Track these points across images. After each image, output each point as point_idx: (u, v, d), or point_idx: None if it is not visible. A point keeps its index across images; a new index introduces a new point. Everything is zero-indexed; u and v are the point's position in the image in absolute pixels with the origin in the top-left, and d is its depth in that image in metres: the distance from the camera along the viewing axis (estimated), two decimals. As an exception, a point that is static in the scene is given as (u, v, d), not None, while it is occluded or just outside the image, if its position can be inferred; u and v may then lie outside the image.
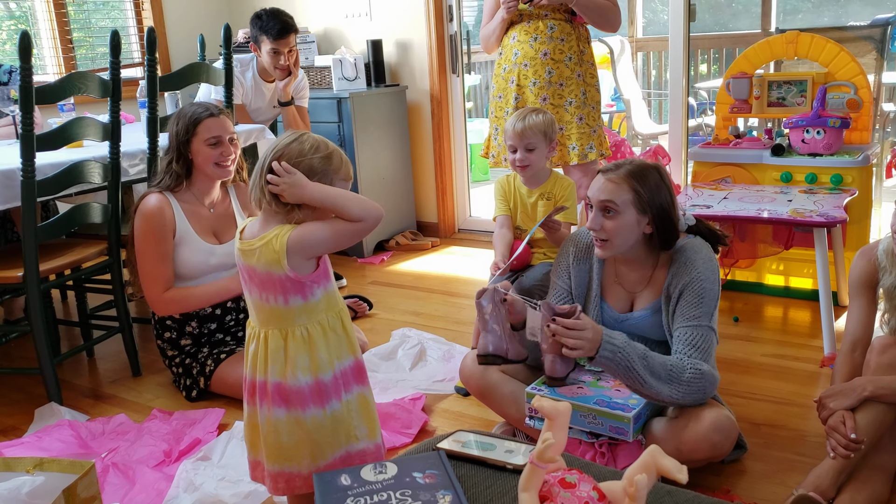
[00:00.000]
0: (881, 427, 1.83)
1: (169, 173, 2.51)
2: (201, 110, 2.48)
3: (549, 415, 0.97)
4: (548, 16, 2.93)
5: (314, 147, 1.60)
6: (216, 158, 2.48)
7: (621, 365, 1.76)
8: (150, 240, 2.47)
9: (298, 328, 1.62)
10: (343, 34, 4.53)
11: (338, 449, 1.65)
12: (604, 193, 1.87)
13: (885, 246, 1.99)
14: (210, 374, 2.50)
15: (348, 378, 1.67)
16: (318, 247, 1.59)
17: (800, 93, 3.22)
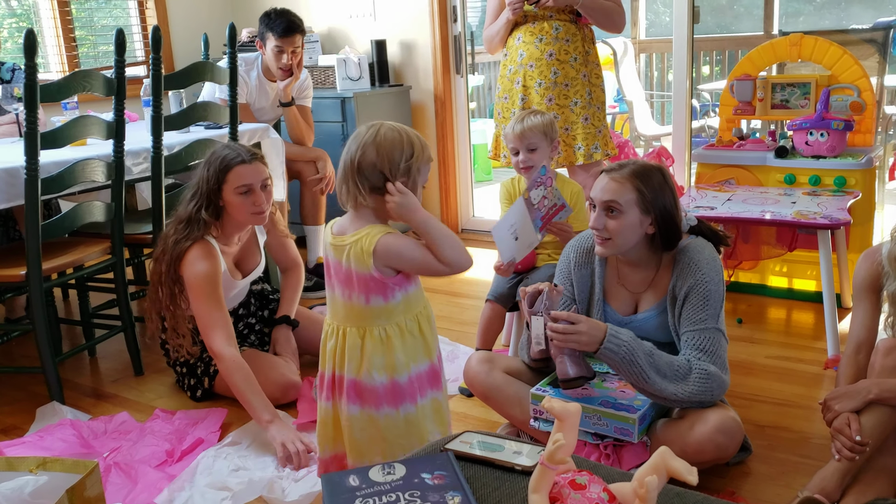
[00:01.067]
0: (886, 430, 1.83)
1: (198, 222, 2.35)
2: (233, 155, 2.36)
3: (560, 416, 0.96)
4: (553, 17, 2.93)
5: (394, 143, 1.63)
6: (250, 208, 2.37)
7: (625, 360, 1.78)
8: (210, 291, 2.32)
9: (377, 328, 1.67)
10: (347, 34, 4.52)
11: (409, 450, 1.67)
12: (607, 193, 1.87)
13: (887, 250, 1.98)
14: (215, 374, 2.49)
15: (423, 382, 1.72)
16: (402, 264, 1.65)
17: (803, 95, 3.22)
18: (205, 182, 2.36)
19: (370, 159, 1.62)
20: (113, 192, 2.65)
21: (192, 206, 2.37)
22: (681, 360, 1.84)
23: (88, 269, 2.74)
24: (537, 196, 2.23)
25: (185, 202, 2.41)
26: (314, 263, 3.71)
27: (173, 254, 2.35)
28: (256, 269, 2.64)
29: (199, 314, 2.33)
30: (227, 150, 2.40)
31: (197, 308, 2.33)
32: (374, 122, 1.68)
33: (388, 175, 1.62)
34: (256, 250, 2.63)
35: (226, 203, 2.37)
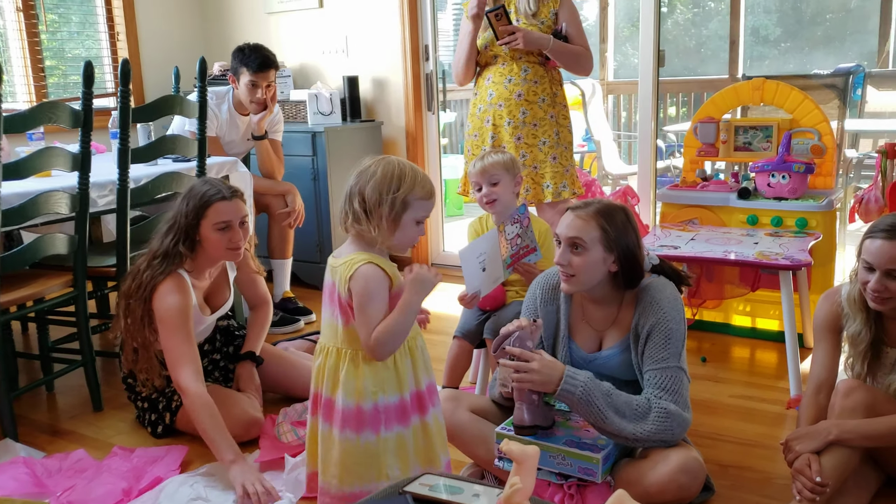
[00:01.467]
0: (846, 470, 1.85)
1: (175, 256, 2.34)
2: (213, 191, 2.35)
3: (518, 458, 0.96)
4: (522, 58, 2.98)
5: (384, 176, 1.70)
6: (226, 244, 2.36)
7: (582, 400, 1.80)
8: (180, 327, 2.29)
9: (351, 350, 1.74)
10: (319, 69, 4.55)
11: (366, 482, 1.73)
12: (572, 230, 1.90)
13: (847, 292, 2.02)
14: (177, 409, 2.45)
15: (390, 415, 1.74)
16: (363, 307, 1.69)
17: (765, 138, 3.29)
18: (183, 216, 2.34)
19: (360, 188, 1.70)
20: (77, 224, 2.62)
21: (168, 240, 2.35)
22: (640, 399, 1.85)
23: (49, 301, 2.70)
24: (511, 232, 2.25)
25: (161, 236, 2.38)
26: (280, 298, 3.68)
27: (147, 287, 2.32)
28: (225, 305, 2.62)
29: (169, 348, 2.30)
30: (207, 185, 2.38)
31: (166, 342, 2.30)
32: (382, 157, 1.76)
33: (368, 204, 1.69)
34: (226, 286, 2.61)
35: (202, 238, 2.36)
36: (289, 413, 2.55)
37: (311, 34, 4.54)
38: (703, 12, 9.30)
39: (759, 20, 8.61)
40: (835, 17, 8.38)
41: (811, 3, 8.53)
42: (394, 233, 1.73)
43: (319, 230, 4.08)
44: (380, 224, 1.70)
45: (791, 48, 8.50)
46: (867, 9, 7.42)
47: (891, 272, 1.86)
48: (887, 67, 6.21)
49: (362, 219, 1.70)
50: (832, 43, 8.16)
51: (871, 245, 1.89)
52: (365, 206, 1.69)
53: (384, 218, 1.70)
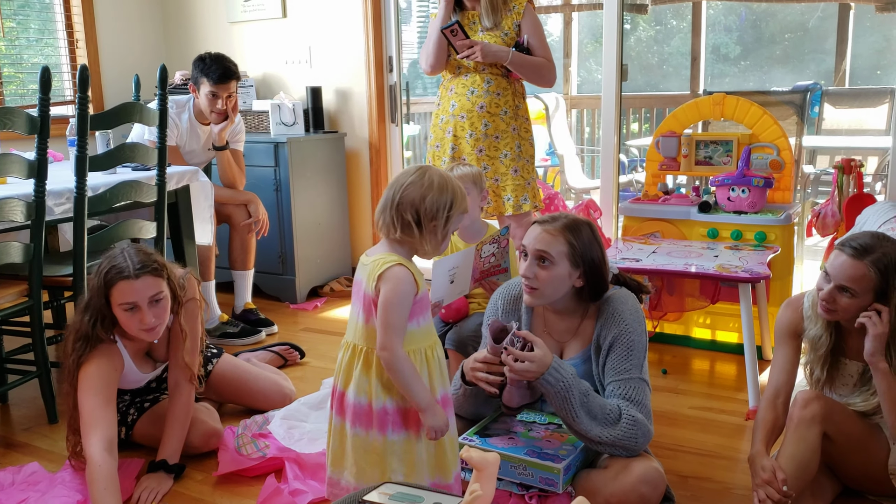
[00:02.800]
0: (806, 476, 1.87)
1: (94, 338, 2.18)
2: (115, 270, 2.13)
3: (478, 466, 0.95)
4: (485, 70, 3.00)
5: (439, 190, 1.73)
6: (137, 325, 2.16)
7: (559, 395, 1.82)
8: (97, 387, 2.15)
9: (366, 348, 1.75)
10: (282, 80, 4.53)
11: (372, 480, 1.71)
12: (540, 244, 1.91)
13: (812, 297, 2.06)
14: (132, 424, 2.40)
15: (396, 419, 1.74)
16: (387, 308, 1.69)
17: (726, 152, 3.35)
18: (95, 293, 2.18)
19: (410, 198, 1.71)
20: (32, 232, 2.56)
21: (86, 319, 2.19)
22: (613, 405, 1.87)
23: (3, 311, 2.63)
24: (487, 251, 2.27)
25: (80, 313, 2.22)
26: (241, 309, 3.64)
27: (74, 373, 2.18)
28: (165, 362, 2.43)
29: (82, 409, 2.12)
30: (118, 259, 2.16)
31: (82, 402, 2.13)
32: (421, 165, 1.79)
33: (422, 217, 1.71)
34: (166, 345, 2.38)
35: (116, 317, 2.18)
36: (249, 425, 2.52)
37: (275, 44, 4.52)
38: (665, 30, 9.46)
39: (720, 38, 8.79)
40: (793, 36, 8.59)
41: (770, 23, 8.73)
42: (440, 244, 1.79)
43: (282, 241, 4.05)
44: (432, 236, 1.75)
45: (751, 66, 8.69)
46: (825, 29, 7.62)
47: (843, 287, 1.89)
48: (844, 85, 6.37)
49: (414, 230, 1.73)
50: (790, 61, 8.36)
51: (836, 257, 1.92)
52: (419, 219, 1.72)
53: (438, 230, 1.75)
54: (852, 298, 1.89)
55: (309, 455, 2.29)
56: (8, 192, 2.50)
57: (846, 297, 1.89)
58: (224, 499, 2.15)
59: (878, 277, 1.86)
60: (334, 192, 4.29)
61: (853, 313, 1.91)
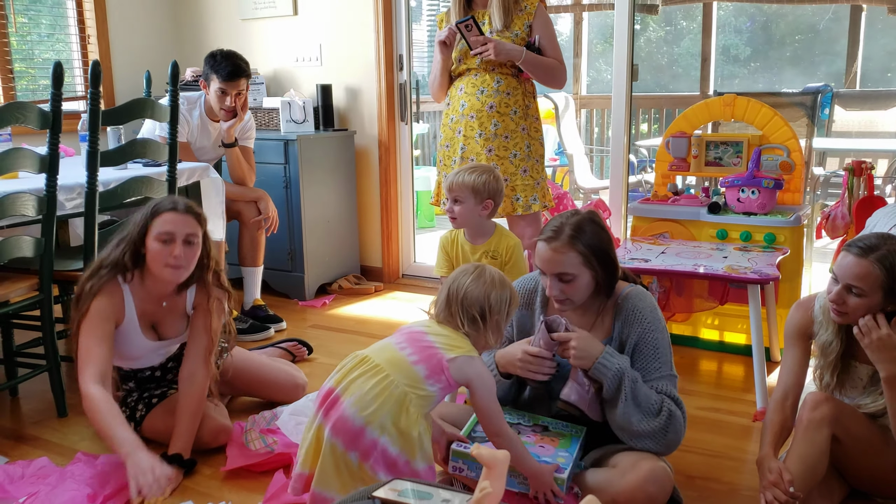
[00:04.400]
0: (814, 479, 1.87)
1: (118, 266, 2.27)
2: (166, 203, 2.28)
3: (488, 463, 0.96)
4: (495, 70, 3.00)
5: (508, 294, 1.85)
6: (164, 258, 2.23)
7: (616, 377, 1.85)
8: (93, 319, 2.22)
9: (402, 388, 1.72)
10: (293, 77, 4.54)
11: (332, 490, 1.70)
12: (557, 266, 1.90)
13: (822, 301, 2.05)
14: (141, 419, 2.41)
15: (381, 461, 1.70)
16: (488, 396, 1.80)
17: (736, 153, 3.34)
18: (135, 226, 2.28)
19: (475, 295, 1.81)
20: (43, 227, 2.58)
21: (118, 250, 2.29)
22: (656, 397, 1.89)
23: (14, 305, 2.64)
24: None
25: (112, 247, 2.31)
26: (251, 305, 3.65)
27: (87, 298, 2.25)
28: (173, 339, 2.44)
29: (80, 345, 2.22)
30: (166, 199, 2.33)
31: (81, 338, 2.22)
32: (477, 265, 1.88)
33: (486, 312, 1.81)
34: (181, 322, 2.43)
35: (146, 251, 2.26)
36: (257, 420, 2.53)
37: (286, 42, 4.53)
38: (675, 31, 9.44)
39: (730, 40, 8.77)
40: (804, 38, 8.56)
41: (780, 25, 8.70)
42: (500, 338, 1.88)
43: (291, 238, 4.06)
44: (495, 331, 1.84)
45: (761, 67, 8.66)
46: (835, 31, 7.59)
47: (850, 287, 1.89)
48: (854, 88, 6.35)
49: (479, 325, 1.81)
50: (801, 63, 8.33)
51: (842, 258, 1.92)
52: (484, 315, 1.80)
53: (501, 325, 1.85)
54: (861, 298, 1.88)
55: (317, 451, 2.30)
56: (20, 187, 2.51)
57: (855, 297, 1.89)
58: (232, 494, 2.16)
59: (885, 274, 1.86)
60: (343, 190, 4.30)
61: (862, 313, 1.90)
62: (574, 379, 1.91)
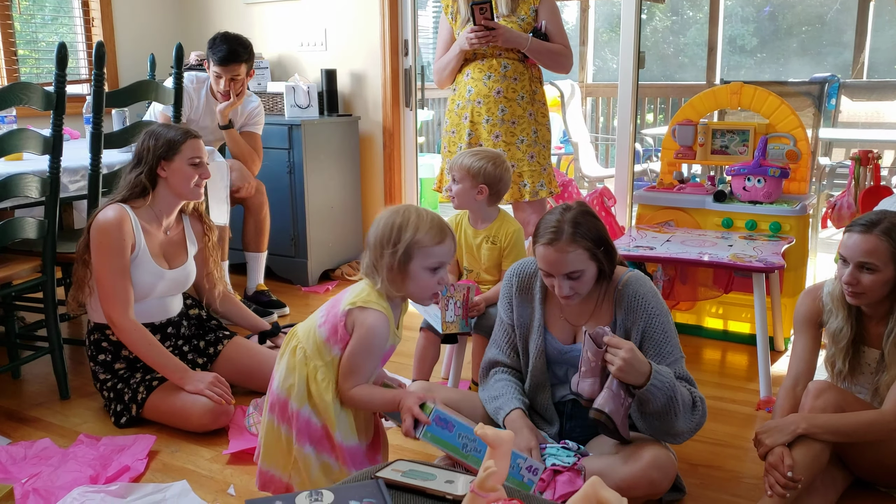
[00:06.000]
0: (816, 467, 1.87)
1: (136, 185, 2.46)
2: (184, 130, 2.50)
3: (493, 443, 0.95)
4: (501, 55, 2.98)
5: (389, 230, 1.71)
6: (195, 180, 2.49)
7: (666, 394, 1.79)
8: (111, 253, 2.38)
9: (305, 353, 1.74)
10: (298, 62, 4.52)
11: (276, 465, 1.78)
12: (565, 266, 1.86)
13: (829, 289, 2.05)
14: (142, 402, 2.42)
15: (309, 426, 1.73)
16: (356, 355, 1.71)
17: (742, 142, 3.32)
18: (149, 151, 2.45)
19: (369, 241, 1.73)
20: (47, 208, 2.57)
21: (132, 174, 2.47)
22: (687, 391, 1.87)
23: (16, 286, 2.64)
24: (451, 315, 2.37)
25: (125, 174, 2.51)
26: (253, 291, 3.64)
27: (92, 217, 2.44)
28: (183, 267, 2.60)
29: (100, 278, 2.39)
30: (171, 127, 2.51)
31: (99, 273, 2.39)
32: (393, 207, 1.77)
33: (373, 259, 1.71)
34: (183, 250, 2.62)
35: (170, 172, 2.46)
36: (259, 404, 2.51)
37: (290, 26, 4.51)
38: (682, 20, 9.40)
39: (737, 29, 8.72)
40: (811, 28, 8.51)
41: (787, 15, 8.65)
42: (405, 284, 1.72)
43: (294, 224, 4.05)
44: (388, 276, 1.70)
45: (767, 58, 8.62)
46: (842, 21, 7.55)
47: (863, 265, 1.89)
48: (861, 78, 6.31)
49: (371, 272, 1.73)
50: (807, 53, 8.29)
51: (847, 238, 1.93)
52: (372, 260, 1.72)
53: (390, 270, 1.69)
54: (874, 273, 1.89)
55: (319, 435, 2.30)
56: (24, 168, 2.51)
57: (868, 273, 1.90)
58: (234, 477, 2.16)
59: (892, 245, 1.88)
60: (347, 176, 4.28)
61: (879, 291, 1.91)
62: (610, 388, 1.80)
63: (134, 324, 2.40)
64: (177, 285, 2.59)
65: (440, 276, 1.72)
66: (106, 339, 2.48)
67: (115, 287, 2.38)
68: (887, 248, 1.88)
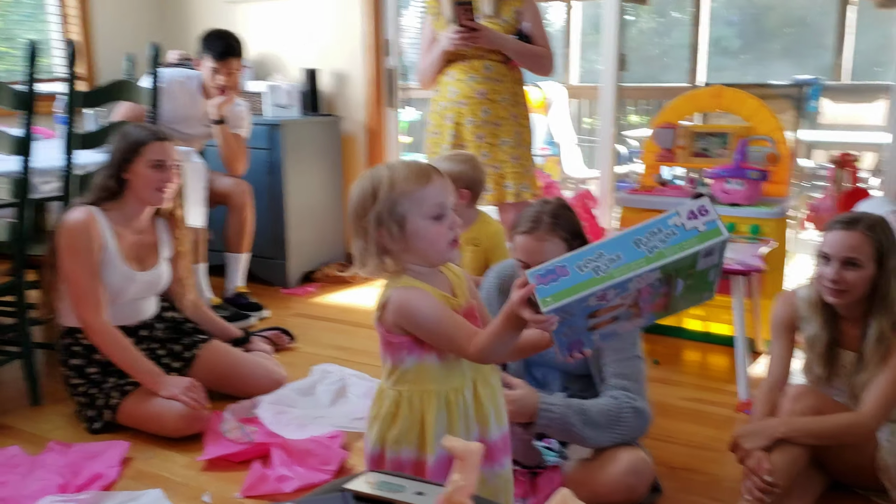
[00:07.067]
0: (794, 471, 1.86)
1: (104, 187, 2.42)
2: (150, 132, 2.45)
3: (460, 455, 0.93)
4: (484, 56, 2.96)
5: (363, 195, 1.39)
6: (157, 183, 2.43)
7: (561, 428, 1.82)
8: (79, 254, 2.35)
9: None
10: (279, 61, 4.48)
11: None
12: (542, 256, 1.81)
13: (804, 294, 2.05)
14: (116, 407, 2.38)
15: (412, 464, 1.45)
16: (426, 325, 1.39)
17: (722, 144, 3.32)
18: (117, 152, 2.41)
19: (351, 224, 1.42)
20: (17, 210, 2.52)
21: (101, 176, 2.44)
22: (609, 403, 1.87)
23: (-14, 289, 2.59)
24: None
25: (97, 175, 2.48)
26: (232, 293, 3.60)
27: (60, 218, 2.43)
28: (154, 269, 2.56)
29: (70, 280, 2.36)
30: (141, 128, 2.48)
31: (70, 274, 2.36)
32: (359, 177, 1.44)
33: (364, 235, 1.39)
34: (154, 253, 2.58)
35: (133, 175, 2.41)
36: (236, 409, 2.49)
37: (272, 25, 4.47)
38: (667, 21, 9.41)
39: (721, 31, 8.74)
40: (793, 31, 8.55)
41: (771, 17, 8.69)
42: (414, 249, 1.38)
43: (275, 225, 4.01)
44: (390, 249, 1.38)
45: (750, 59, 8.65)
46: (824, 24, 7.57)
47: (847, 260, 1.90)
48: (842, 81, 6.34)
49: (367, 257, 1.39)
50: (790, 56, 8.32)
51: (828, 236, 1.93)
52: (361, 242, 1.39)
53: (389, 240, 1.37)
54: (858, 270, 1.90)
55: (296, 441, 2.27)
56: (-6, 169, 2.46)
57: (852, 270, 1.90)
58: (209, 484, 2.13)
59: (874, 241, 1.89)
60: (329, 177, 4.25)
61: (861, 288, 1.91)
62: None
63: (106, 325, 2.37)
64: (149, 288, 2.55)
65: (449, 220, 1.39)
66: (78, 344, 2.44)
67: (86, 288, 2.35)
68: (870, 244, 1.89)
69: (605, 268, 1.18)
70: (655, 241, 1.18)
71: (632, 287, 1.19)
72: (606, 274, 1.17)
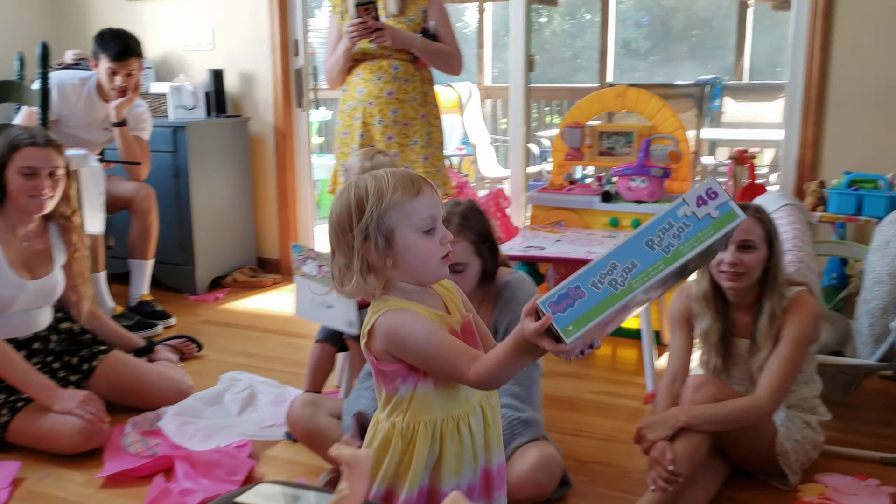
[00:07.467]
0: (697, 458, 1.91)
1: None
2: (25, 136, 2.34)
3: (349, 463, 0.91)
4: (392, 56, 2.94)
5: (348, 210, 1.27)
6: (29, 190, 2.32)
7: None
8: None
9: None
10: (183, 62, 4.36)
11: None
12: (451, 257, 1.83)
13: (695, 291, 2.11)
14: (6, 425, 2.26)
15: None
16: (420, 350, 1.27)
17: (627, 143, 3.40)
18: None
19: (330, 242, 1.31)
20: None
21: None
22: None
23: None
24: (313, 268, 2.23)
25: None
26: (137, 301, 3.48)
27: None
28: (47, 277, 2.45)
29: None
30: (22, 130, 2.39)
31: None
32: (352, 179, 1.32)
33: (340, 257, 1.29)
34: (48, 260, 2.47)
35: (7, 182, 2.32)
36: (139, 422, 2.40)
37: (175, 25, 4.34)
38: (580, 24, 9.60)
39: (630, 33, 8.96)
40: (700, 32, 8.85)
41: (678, 20, 8.96)
42: (403, 265, 1.27)
43: (181, 230, 3.89)
44: (377, 266, 1.27)
45: (659, 61, 8.90)
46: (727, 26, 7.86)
47: (744, 244, 1.98)
48: (743, 80, 6.59)
49: (349, 276, 1.27)
50: (696, 56, 8.61)
51: None
52: (343, 259, 1.28)
53: (376, 256, 1.26)
54: (753, 251, 1.99)
55: (202, 452, 2.21)
56: None
57: (748, 252, 1.99)
58: (109, 502, 2.04)
59: (763, 224, 2.01)
60: (237, 179, 4.16)
61: (757, 269, 2.00)
62: None
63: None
64: (42, 297, 2.43)
65: (440, 234, 1.28)
66: (-35, 359, 2.31)
67: None
68: (761, 226, 2.00)
69: (622, 280, 1.12)
70: (669, 239, 1.11)
71: (651, 290, 1.14)
72: (626, 287, 1.11)
